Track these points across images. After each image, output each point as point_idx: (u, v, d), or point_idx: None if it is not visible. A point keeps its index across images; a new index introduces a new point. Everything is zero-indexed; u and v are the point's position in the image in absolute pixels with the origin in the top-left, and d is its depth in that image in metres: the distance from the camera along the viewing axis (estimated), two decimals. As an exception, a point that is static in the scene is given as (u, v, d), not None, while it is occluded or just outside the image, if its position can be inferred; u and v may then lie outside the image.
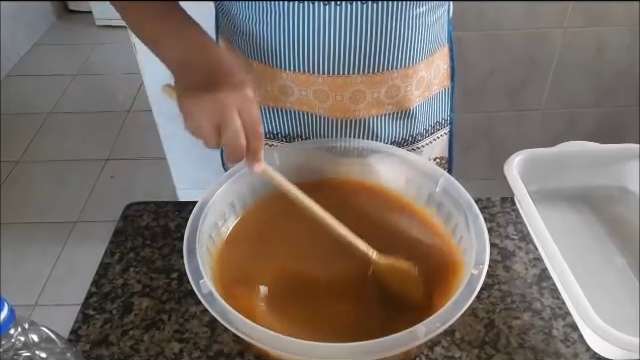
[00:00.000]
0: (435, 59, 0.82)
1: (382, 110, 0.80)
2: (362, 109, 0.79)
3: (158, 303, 0.74)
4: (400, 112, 0.81)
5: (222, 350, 0.68)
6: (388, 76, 0.76)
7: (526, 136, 1.94)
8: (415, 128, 0.85)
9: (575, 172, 0.86)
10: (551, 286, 0.75)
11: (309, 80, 0.76)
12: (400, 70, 0.76)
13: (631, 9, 1.67)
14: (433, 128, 0.89)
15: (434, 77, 0.83)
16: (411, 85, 0.79)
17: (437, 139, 0.90)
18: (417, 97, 0.81)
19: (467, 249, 0.65)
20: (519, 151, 0.83)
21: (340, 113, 0.79)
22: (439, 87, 0.86)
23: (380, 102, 0.79)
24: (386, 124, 0.82)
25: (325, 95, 0.77)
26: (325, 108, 0.78)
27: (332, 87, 0.76)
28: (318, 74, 0.75)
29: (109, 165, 2.38)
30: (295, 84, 0.77)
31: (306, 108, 0.79)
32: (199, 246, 0.64)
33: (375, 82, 0.76)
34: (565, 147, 0.87)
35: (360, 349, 0.54)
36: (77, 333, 0.71)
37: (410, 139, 0.86)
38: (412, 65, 0.77)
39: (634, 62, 1.78)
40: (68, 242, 2.05)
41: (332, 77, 0.75)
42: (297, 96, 0.78)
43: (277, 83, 0.77)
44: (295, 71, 0.75)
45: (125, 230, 0.84)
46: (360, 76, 0.75)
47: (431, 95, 0.85)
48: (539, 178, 0.84)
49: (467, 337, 0.69)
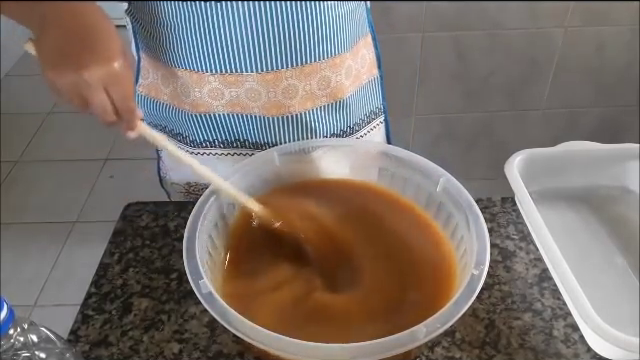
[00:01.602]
0: (359, 48, 0.84)
1: (316, 103, 0.81)
2: (296, 104, 0.79)
3: (157, 303, 0.73)
4: (334, 103, 0.82)
5: (222, 351, 0.68)
6: (317, 67, 0.77)
7: (526, 136, 1.94)
8: (351, 119, 0.87)
9: (576, 172, 0.86)
10: (552, 286, 0.74)
11: (239, 80, 0.76)
12: (328, 60, 0.78)
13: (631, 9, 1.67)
14: (368, 117, 0.90)
15: (361, 66, 0.85)
16: (341, 74, 0.80)
17: (374, 129, 0.92)
18: (348, 87, 0.83)
19: (467, 249, 0.65)
20: (519, 151, 0.83)
21: (275, 110, 0.79)
22: (368, 76, 0.88)
23: (313, 95, 0.79)
24: (322, 117, 0.83)
25: (257, 93, 0.77)
26: (259, 107, 0.79)
27: (263, 84, 0.76)
28: (246, 72, 0.75)
29: (108, 165, 2.38)
30: (224, 86, 0.76)
31: (239, 109, 0.79)
32: (199, 246, 0.63)
33: (305, 74, 0.77)
34: (566, 147, 0.87)
35: (360, 349, 0.53)
36: (76, 333, 0.70)
37: (348, 130, 0.87)
38: (337, 54, 0.78)
39: (634, 61, 1.78)
40: (67, 242, 2.05)
41: (262, 74, 0.75)
42: (228, 98, 0.78)
43: (206, 88, 0.77)
44: (222, 72, 0.75)
45: (124, 230, 0.84)
46: (290, 70, 0.76)
47: (362, 84, 0.86)
48: (540, 178, 0.84)
49: (467, 337, 0.69)
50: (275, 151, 0.76)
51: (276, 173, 0.76)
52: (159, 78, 0.82)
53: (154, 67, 0.82)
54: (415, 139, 1.94)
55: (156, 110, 0.85)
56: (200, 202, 0.69)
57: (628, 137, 1.30)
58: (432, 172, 0.73)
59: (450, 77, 1.81)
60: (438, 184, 0.72)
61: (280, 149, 0.77)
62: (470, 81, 1.82)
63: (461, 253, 0.67)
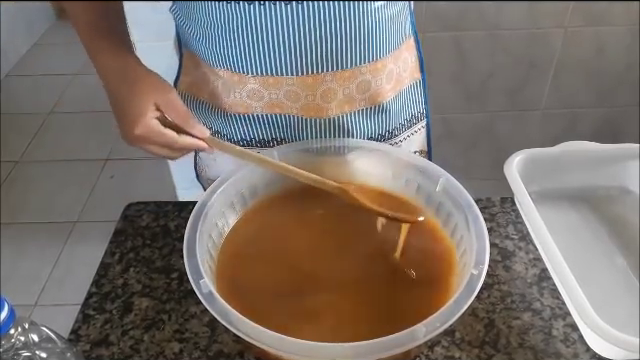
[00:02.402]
0: (402, 51, 0.82)
1: (355, 107, 0.80)
2: (334, 107, 0.78)
3: (158, 303, 0.73)
4: (373, 107, 0.81)
5: (222, 350, 0.68)
6: (357, 71, 0.76)
7: (526, 136, 1.94)
8: (390, 123, 0.85)
9: (575, 172, 0.86)
10: (551, 286, 0.75)
11: (278, 82, 0.75)
12: (368, 64, 0.76)
13: (631, 9, 1.67)
14: (409, 122, 0.89)
15: (403, 70, 0.83)
16: (381, 79, 0.79)
17: (414, 133, 0.90)
18: (389, 91, 0.81)
19: (467, 249, 0.65)
20: (519, 151, 0.83)
21: (313, 112, 0.78)
22: (410, 80, 0.86)
23: (352, 98, 0.78)
24: (360, 121, 0.81)
25: (296, 96, 0.76)
26: (298, 108, 0.78)
27: (302, 87, 0.75)
28: (287, 76, 0.74)
29: (109, 165, 2.38)
30: (264, 88, 0.76)
31: (278, 110, 0.79)
32: (199, 246, 0.64)
33: (345, 78, 0.76)
34: (565, 147, 0.87)
35: (360, 349, 0.54)
36: (77, 333, 0.71)
37: (387, 134, 0.86)
38: (379, 59, 0.77)
39: (634, 62, 1.78)
40: (68, 242, 2.05)
41: (301, 77, 0.75)
42: (267, 100, 0.77)
43: (245, 89, 0.77)
44: (263, 75, 0.75)
45: (125, 230, 0.84)
46: (329, 74, 0.75)
47: (403, 88, 0.85)
48: (539, 178, 0.84)
49: (467, 337, 0.69)
50: (275, 151, 0.76)
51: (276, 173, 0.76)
52: (200, 76, 0.82)
53: (196, 65, 0.82)
54: (415, 139, 1.94)
55: (196, 108, 0.85)
56: (200, 202, 0.69)
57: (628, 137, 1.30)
58: (432, 172, 0.73)
59: (450, 77, 1.81)
60: (438, 184, 0.72)
61: (280, 149, 0.77)
62: (470, 81, 1.82)
63: (461, 253, 0.67)
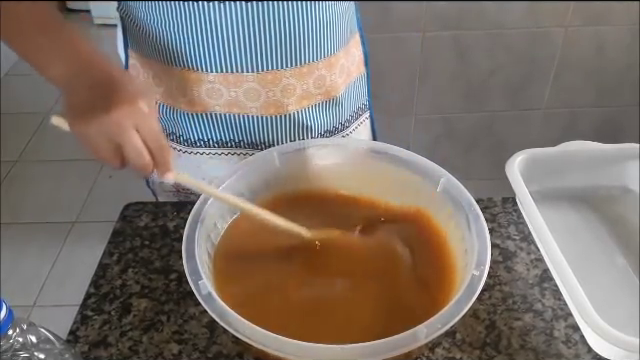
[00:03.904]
0: (350, 47, 0.85)
1: (312, 101, 0.82)
2: (293, 102, 0.80)
3: (157, 304, 0.73)
4: (328, 101, 0.84)
5: (221, 351, 0.68)
6: (314, 67, 0.79)
7: (527, 136, 1.94)
8: (342, 115, 0.89)
9: (576, 172, 0.86)
10: (553, 287, 0.74)
11: (238, 80, 0.76)
12: (324, 60, 0.79)
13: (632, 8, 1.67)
14: (356, 113, 0.92)
15: (351, 64, 0.87)
16: (335, 73, 0.82)
17: (360, 124, 0.94)
18: (341, 85, 0.85)
19: (468, 249, 0.65)
20: (520, 151, 0.83)
21: (273, 109, 0.80)
22: (357, 73, 0.90)
23: (310, 93, 0.81)
24: (317, 115, 0.84)
25: (256, 93, 0.78)
26: (257, 107, 0.79)
27: (263, 84, 0.77)
28: (247, 72, 0.75)
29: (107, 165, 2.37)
30: (224, 85, 0.76)
31: (236, 110, 0.79)
32: (198, 247, 0.63)
33: (303, 74, 0.78)
34: (566, 147, 0.87)
35: (360, 350, 0.53)
36: (76, 334, 0.70)
37: (340, 126, 0.89)
38: (334, 53, 0.80)
39: (635, 62, 1.78)
40: (66, 242, 2.05)
41: (262, 74, 0.76)
42: (226, 98, 0.78)
43: (204, 87, 0.77)
44: (223, 72, 0.75)
45: (124, 230, 0.84)
46: (289, 70, 0.77)
47: (351, 82, 0.88)
48: (540, 178, 0.84)
49: (468, 338, 0.68)
50: (275, 151, 0.76)
51: (276, 173, 0.76)
52: (150, 77, 0.82)
53: (145, 66, 0.82)
54: (415, 139, 1.94)
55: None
56: (199, 202, 0.68)
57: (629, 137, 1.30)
58: (432, 172, 0.73)
59: (450, 77, 1.81)
60: (438, 184, 0.72)
61: (280, 149, 0.77)
62: (470, 81, 1.82)
63: (462, 253, 0.67)
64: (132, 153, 0.58)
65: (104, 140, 0.58)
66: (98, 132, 0.57)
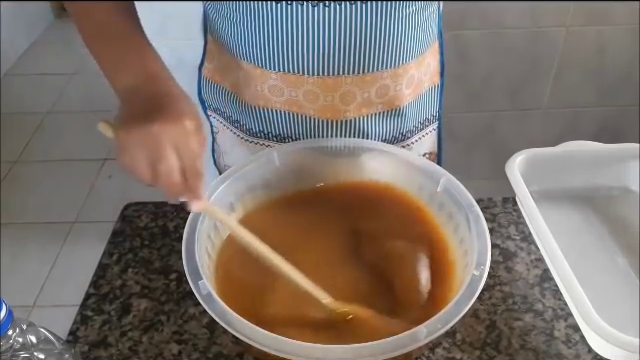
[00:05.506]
0: (426, 57, 0.81)
1: (372, 109, 0.79)
2: (352, 109, 0.78)
3: (157, 304, 0.73)
4: (390, 111, 0.81)
5: (221, 352, 0.68)
6: (378, 76, 0.75)
7: (528, 136, 1.94)
8: (405, 126, 0.84)
9: (577, 172, 0.86)
10: (553, 287, 0.74)
11: (299, 81, 0.75)
12: (390, 70, 0.75)
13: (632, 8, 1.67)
14: (422, 124, 0.88)
15: (424, 74, 0.83)
16: (401, 84, 0.78)
17: (426, 135, 0.90)
18: (407, 96, 0.81)
19: (468, 250, 0.65)
20: (521, 151, 0.83)
21: (330, 114, 0.78)
22: (429, 84, 0.85)
23: (370, 102, 0.78)
24: (376, 123, 0.81)
25: (315, 96, 0.76)
26: (315, 109, 0.78)
27: (322, 88, 0.75)
28: (308, 75, 0.74)
29: (107, 165, 2.37)
30: (285, 85, 0.76)
31: (296, 109, 0.78)
32: (198, 247, 0.63)
33: (365, 82, 0.75)
34: (567, 147, 0.87)
35: (360, 350, 0.53)
36: (75, 334, 0.70)
37: (400, 137, 0.85)
38: (402, 64, 0.76)
39: (636, 61, 1.78)
40: (66, 242, 2.05)
41: (322, 78, 0.74)
42: (287, 97, 0.77)
43: (267, 83, 0.77)
44: (284, 72, 0.74)
45: (123, 231, 0.84)
46: (350, 77, 0.74)
47: (421, 92, 0.84)
48: (541, 178, 0.83)
49: (468, 338, 0.68)
50: (275, 151, 0.76)
51: (276, 173, 0.76)
52: (224, 64, 0.82)
53: (220, 52, 0.81)
54: (415, 139, 1.93)
55: (217, 94, 0.85)
56: (199, 202, 0.68)
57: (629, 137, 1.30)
58: (433, 172, 0.73)
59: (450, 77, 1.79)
60: (439, 184, 0.72)
61: (280, 149, 0.77)
62: (471, 81, 1.82)
63: (462, 253, 0.67)
64: (164, 171, 0.56)
65: (141, 152, 0.56)
66: (137, 143, 0.56)
